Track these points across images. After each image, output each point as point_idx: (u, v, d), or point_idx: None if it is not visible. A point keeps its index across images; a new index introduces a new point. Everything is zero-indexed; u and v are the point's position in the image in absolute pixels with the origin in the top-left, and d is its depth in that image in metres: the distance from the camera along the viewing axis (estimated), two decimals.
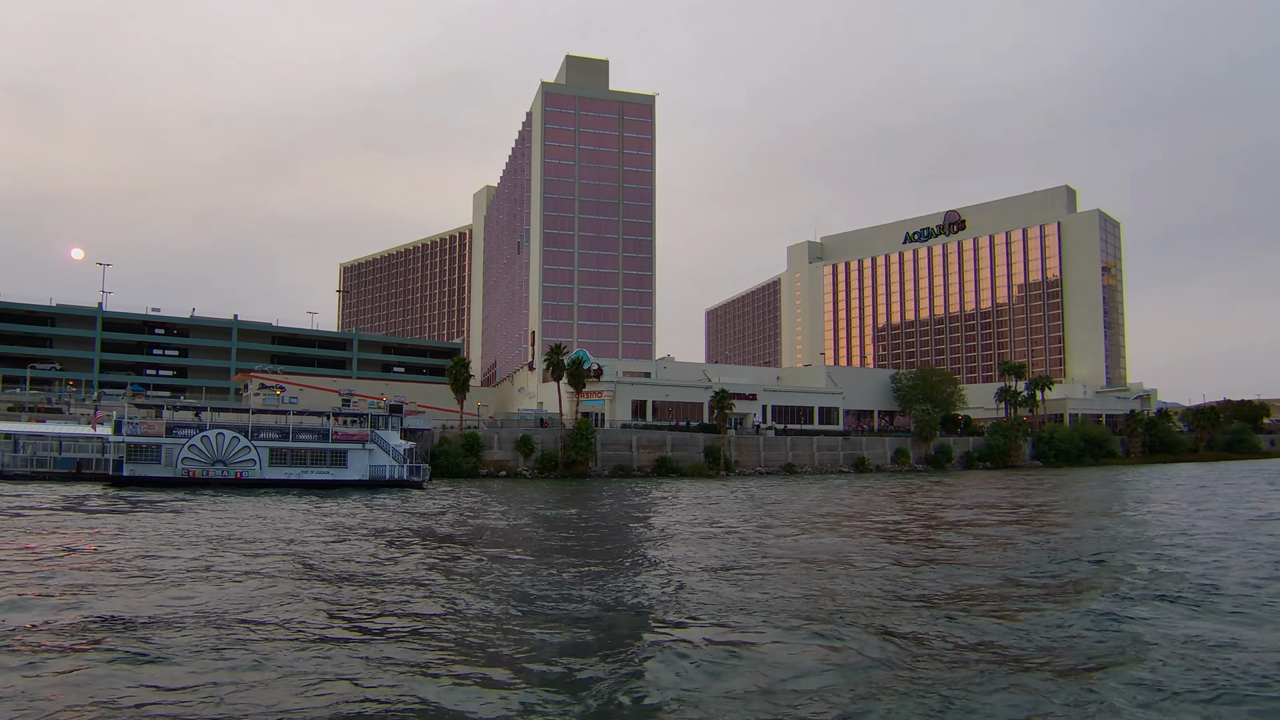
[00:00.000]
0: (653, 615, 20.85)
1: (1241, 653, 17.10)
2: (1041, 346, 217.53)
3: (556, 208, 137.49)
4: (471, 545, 34.73)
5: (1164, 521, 45.41)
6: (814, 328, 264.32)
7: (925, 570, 28.25)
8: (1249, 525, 42.57)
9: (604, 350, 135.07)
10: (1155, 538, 37.96)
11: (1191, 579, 26.04)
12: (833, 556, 31.81)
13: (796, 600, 22.75)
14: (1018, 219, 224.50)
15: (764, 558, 31.16)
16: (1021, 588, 24.94)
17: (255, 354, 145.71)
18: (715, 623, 19.76)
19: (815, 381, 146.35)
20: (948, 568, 29.00)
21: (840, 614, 20.90)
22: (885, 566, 29.09)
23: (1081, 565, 29.58)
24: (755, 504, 58.55)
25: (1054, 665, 16.37)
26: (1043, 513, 52.18)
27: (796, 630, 19.04)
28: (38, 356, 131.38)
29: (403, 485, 70.82)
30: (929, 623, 19.89)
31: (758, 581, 25.77)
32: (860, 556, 31.65)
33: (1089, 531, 40.86)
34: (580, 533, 39.52)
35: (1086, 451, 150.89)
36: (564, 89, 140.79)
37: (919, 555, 32.28)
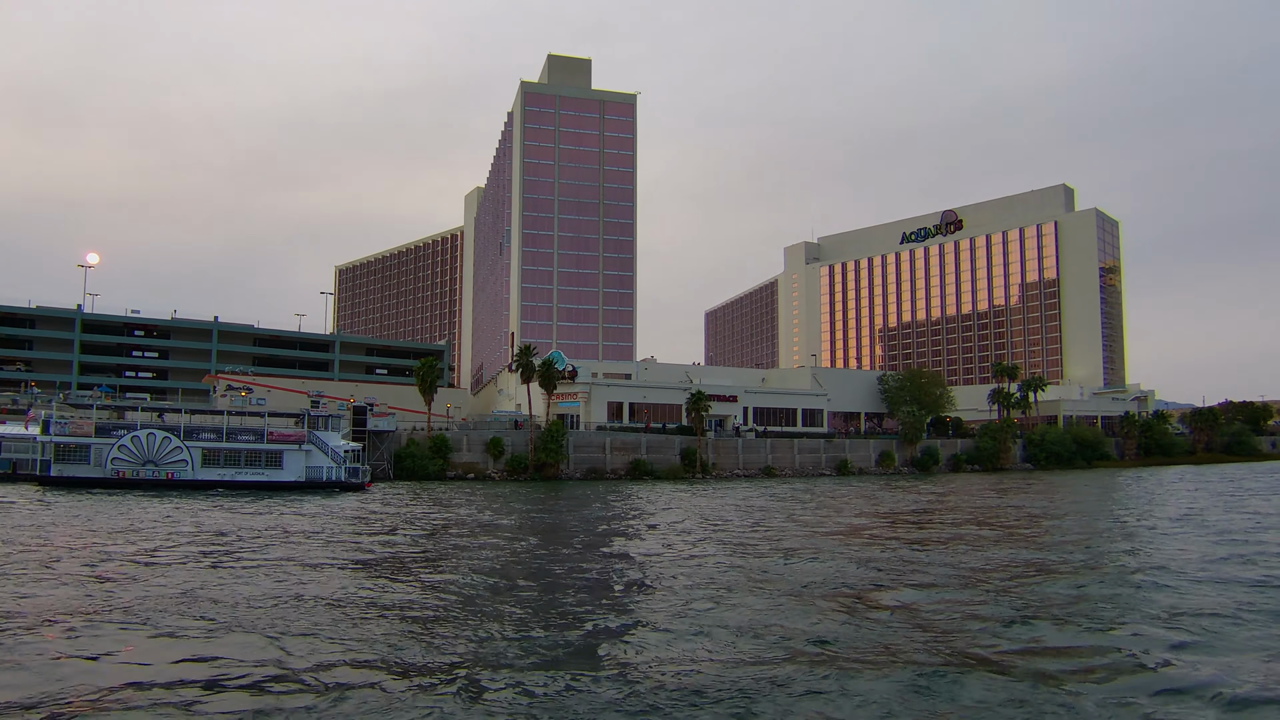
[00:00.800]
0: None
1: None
2: (1039, 347, 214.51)
3: (536, 208, 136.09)
4: (344, 556, 33.20)
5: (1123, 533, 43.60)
6: (810, 329, 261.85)
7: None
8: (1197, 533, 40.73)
9: (583, 351, 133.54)
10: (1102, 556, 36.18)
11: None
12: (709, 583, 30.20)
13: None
14: (1015, 218, 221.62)
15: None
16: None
17: (237, 355, 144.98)
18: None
19: (801, 383, 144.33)
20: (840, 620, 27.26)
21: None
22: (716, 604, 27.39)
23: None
24: (706, 521, 56.93)
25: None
26: (991, 520, 50.30)
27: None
28: (17, 358, 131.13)
29: (341, 487, 69.38)
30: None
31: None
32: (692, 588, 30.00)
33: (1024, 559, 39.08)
34: (495, 552, 37.84)
35: (1078, 454, 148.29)
36: (544, 88, 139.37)
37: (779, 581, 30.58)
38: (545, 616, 21.11)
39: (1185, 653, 17.91)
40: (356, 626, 19.53)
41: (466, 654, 17.47)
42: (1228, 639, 19.09)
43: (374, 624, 19.84)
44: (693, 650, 17.79)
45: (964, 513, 53.74)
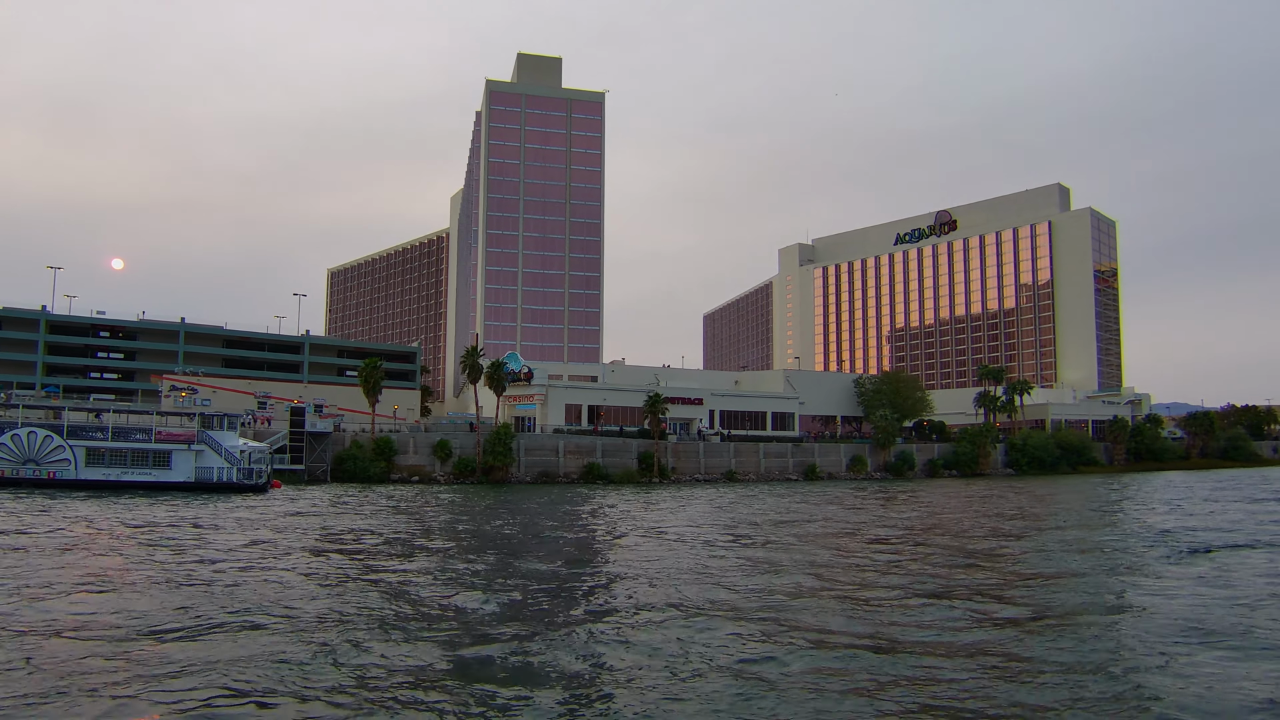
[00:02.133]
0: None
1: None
2: (1033, 350, 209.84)
3: (501, 208, 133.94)
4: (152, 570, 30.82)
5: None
6: (804, 331, 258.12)
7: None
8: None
9: (549, 353, 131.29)
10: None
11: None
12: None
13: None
14: (1009, 219, 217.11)
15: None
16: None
17: (205, 357, 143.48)
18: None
19: (774, 386, 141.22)
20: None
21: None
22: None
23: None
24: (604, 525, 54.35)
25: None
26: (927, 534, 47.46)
27: None
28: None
29: (236, 489, 67.42)
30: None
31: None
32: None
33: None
34: (355, 568, 35.45)
35: (1062, 459, 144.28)
36: (509, 87, 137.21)
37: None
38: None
39: None
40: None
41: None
42: None
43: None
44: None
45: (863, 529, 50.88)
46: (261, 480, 69.26)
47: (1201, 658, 18.36)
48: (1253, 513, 55.67)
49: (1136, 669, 17.64)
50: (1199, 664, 17.89)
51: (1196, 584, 28.05)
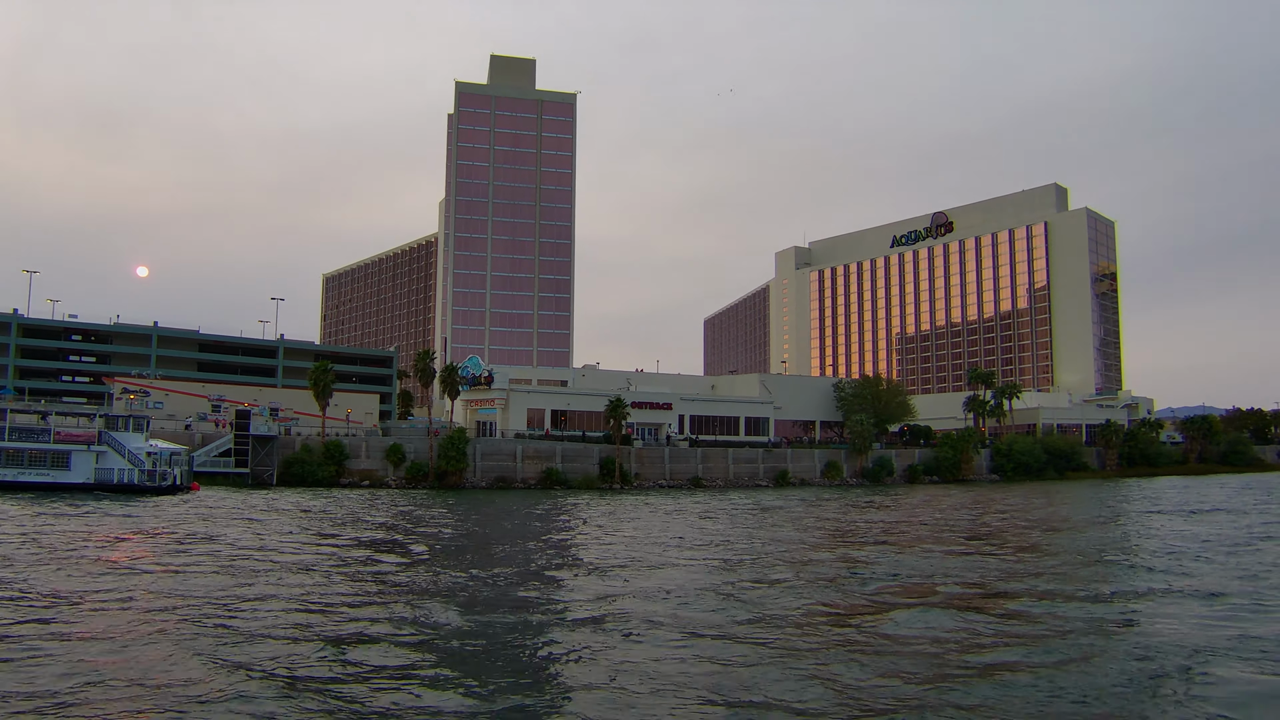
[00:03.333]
0: None
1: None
2: (1029, 353, 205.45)
3: (469, 210, 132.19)
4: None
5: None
6: (800, 335, 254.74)
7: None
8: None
9: (518, 357, 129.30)
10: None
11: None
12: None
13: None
14: (1005, 220, 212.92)
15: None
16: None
17: (178, 361, 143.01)
18: None
19: (750, 391, 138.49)
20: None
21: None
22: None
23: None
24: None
25: None
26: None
27: None
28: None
29: (138, 491, 66.03)
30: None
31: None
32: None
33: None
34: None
35: (1050, 464, 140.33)
36: (478, 88, 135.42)
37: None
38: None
39: None
40: None
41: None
42: None
43: None
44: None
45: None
46: (166, 482, 67.69)
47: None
48: (1161, 531, 52.62)
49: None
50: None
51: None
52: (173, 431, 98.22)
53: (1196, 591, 27.48)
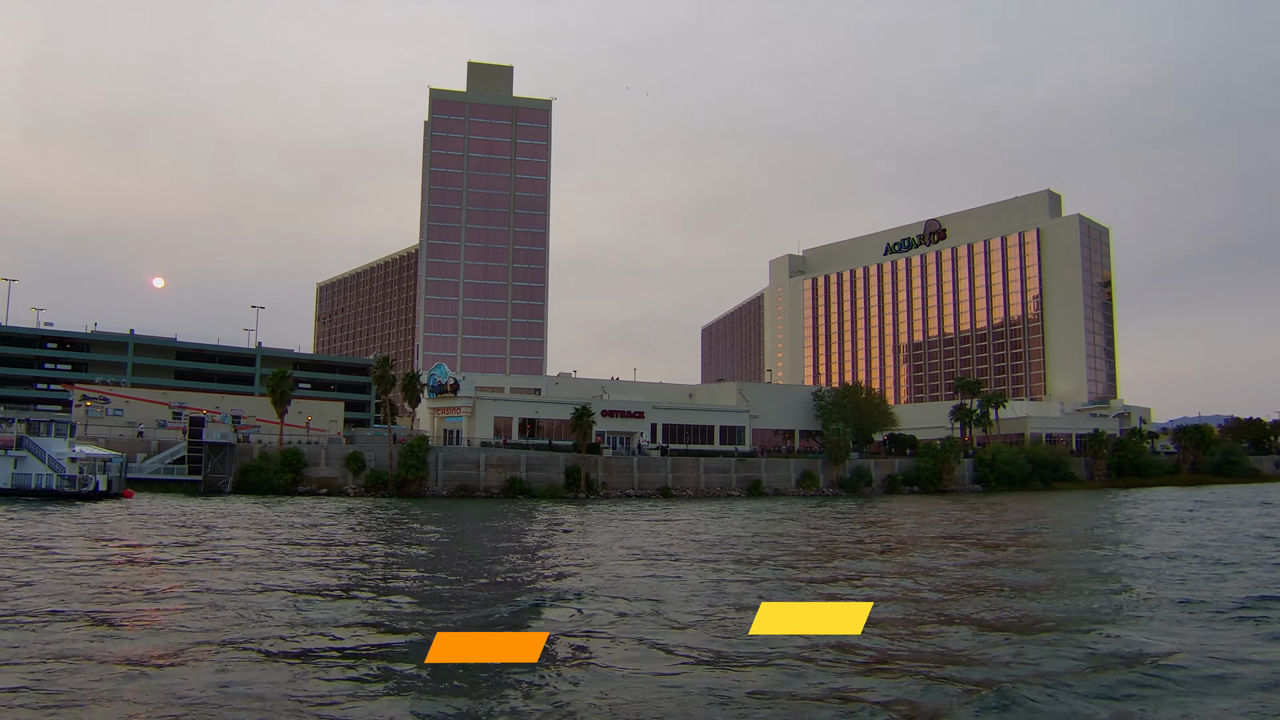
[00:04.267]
0: None
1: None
2: (1022, 362, 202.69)
3: (442, 218, 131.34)
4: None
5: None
6: (794, 344, 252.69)
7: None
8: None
9: (491, 365, 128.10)
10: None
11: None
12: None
13: None
14: (998, 227, 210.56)
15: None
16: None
17: (156, 369, 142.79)
18: None
19: (727, 400, 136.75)
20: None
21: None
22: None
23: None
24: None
25: None
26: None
27: None
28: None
29: (58, 496, 65.85)
30: None
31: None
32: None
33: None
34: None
35: (1035, 475, 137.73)
36: (453, 95, 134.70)
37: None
38: None
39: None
40: None
41: None
42: None
43: None
44: None
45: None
46: (88, 488, 66.93)
47: None
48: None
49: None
50: None
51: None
52: (128, 439, 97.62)
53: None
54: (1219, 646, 19.90)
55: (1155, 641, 20.56)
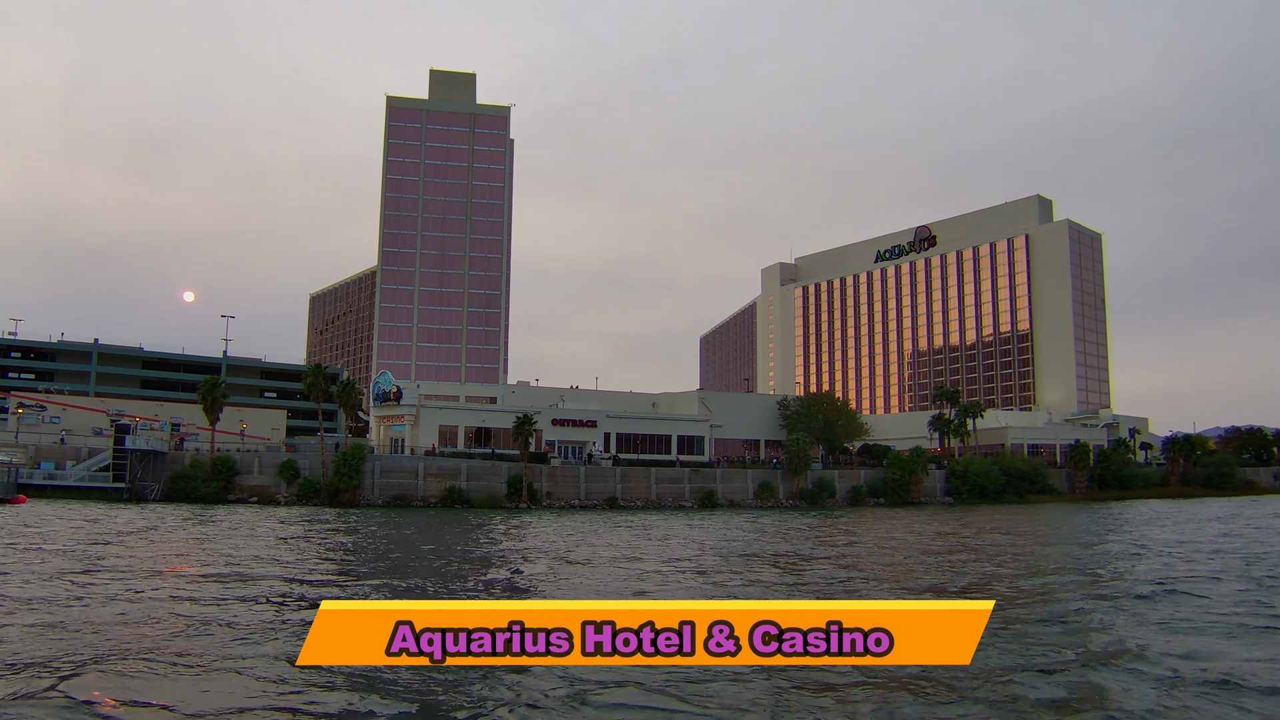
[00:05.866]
0: None
1: None
2: (1011, 371, 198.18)
3: (397, 225, 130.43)
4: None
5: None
6: (785, 353, 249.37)
7: None
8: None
9: (446, 373, 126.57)
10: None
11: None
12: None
13: None
14: (988, 233, 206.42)
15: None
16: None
17: (121, 378, 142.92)
18: None
19: (689, 409, 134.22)
20: None
21: None
22: None
23: None
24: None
25: None
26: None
27: None
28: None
29: None
30: None
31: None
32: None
33: None
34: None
35: (1009, 486, 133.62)
36: (408, 103, 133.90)
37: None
38: None
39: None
40: None
41: None
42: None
43: None
44: None
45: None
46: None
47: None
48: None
49: None
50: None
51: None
52: (66, 446, 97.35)
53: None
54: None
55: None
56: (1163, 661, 18.02)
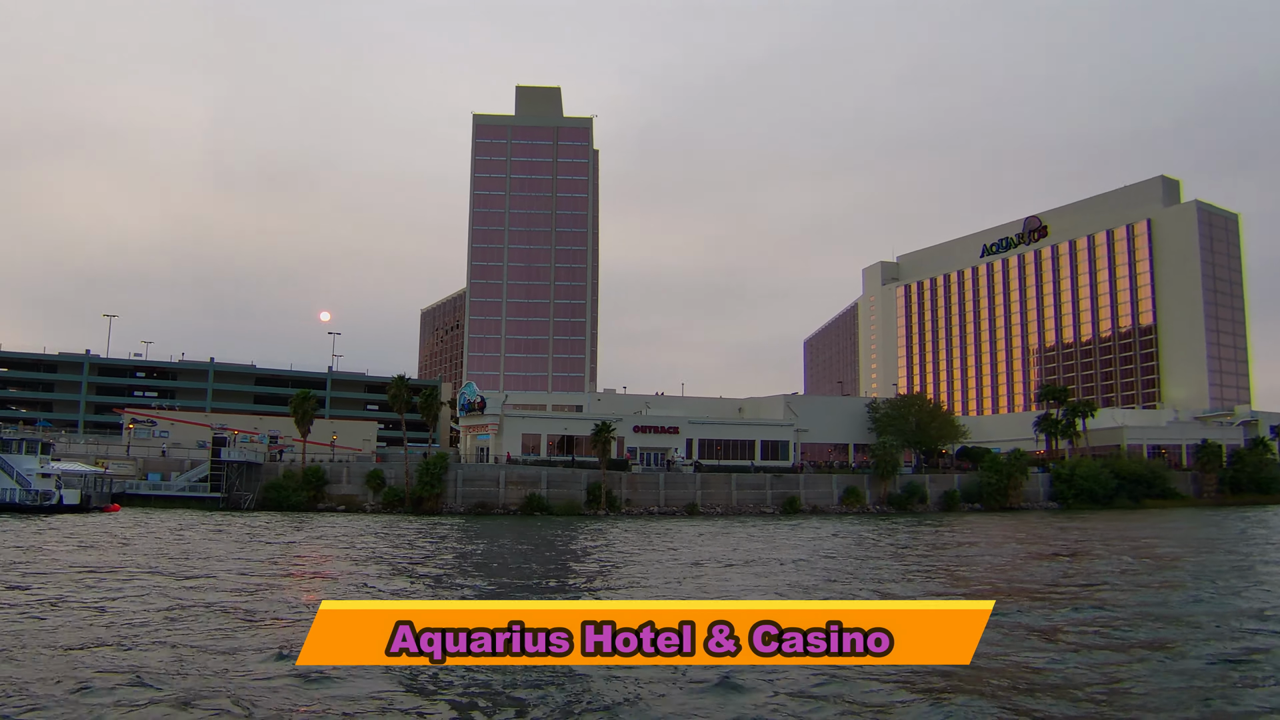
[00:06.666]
0: None
1: None
2: (1133, 365, 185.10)
3: (485, 239, 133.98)
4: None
5: None
6: (888, 355, 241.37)
7: None
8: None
9: (533, 383, 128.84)
10: None
11: None
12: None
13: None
14: (1106, 220, 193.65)
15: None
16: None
17: (235, 394, 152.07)
18: None
19: (774, 414, 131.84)
20: None
21: None
22: None
23: None
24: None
25: None
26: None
27: None
28: (40, 400, 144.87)
29: (19, 509, 71.43)
30: None
31: None
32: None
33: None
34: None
35: (1122, 490, 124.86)
36: (493, 119, 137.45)
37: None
38: None
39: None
40: None
41: None
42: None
43: None
44: None
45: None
46: (51, 502, 72.01)
47: None
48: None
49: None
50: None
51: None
52: (171, 458, 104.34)
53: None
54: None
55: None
56: None
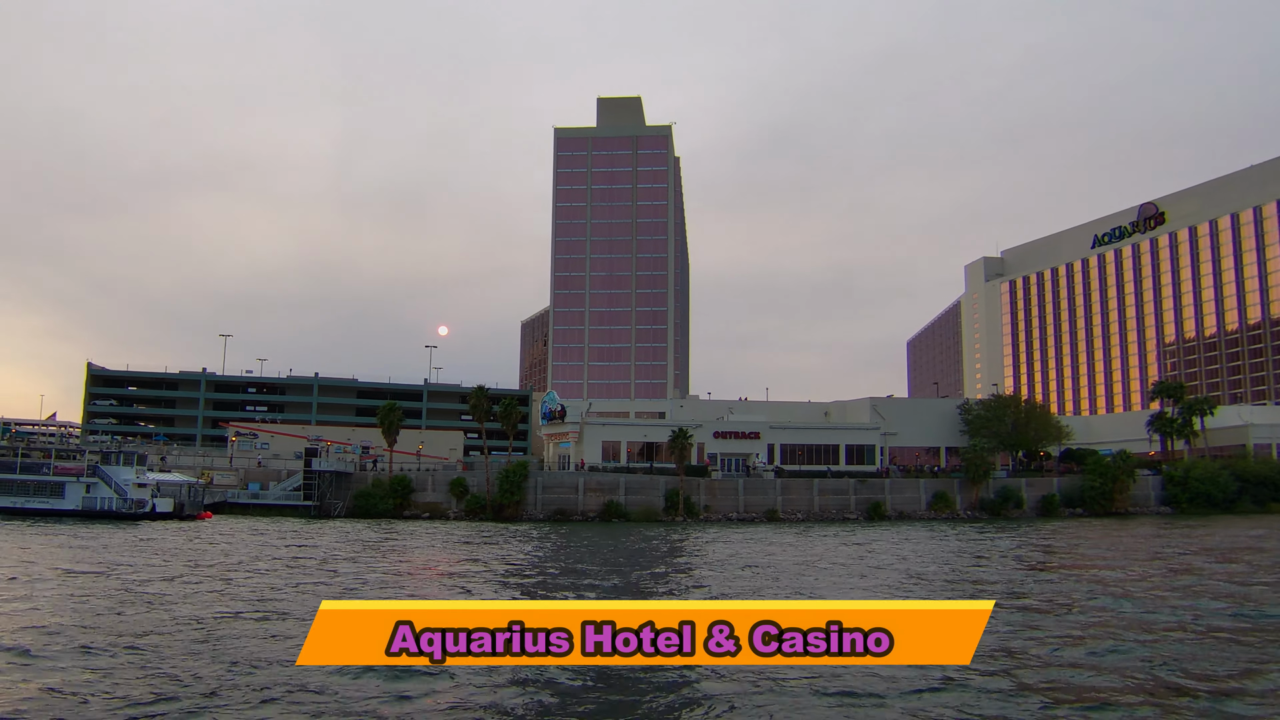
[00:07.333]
0: None
1: None
2: (1264, 359, 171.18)
3: (567, 250, 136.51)
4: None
5: None
6: (992, 353, 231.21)
7: None
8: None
9: (615, 390, 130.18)
10: None
11: None
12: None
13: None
14: (1229, 204, 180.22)
15: None
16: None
17: (338, 407, 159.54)
18: None
19: (860, 418, 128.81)
20: None
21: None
22: None
23: None
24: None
25: None
26: None
27: None
28: (163, 416, 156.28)
29: (116, 517, 76.84)
30: None
31: None
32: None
33: None
34: None
35: (1245, 494, 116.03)
36: (573, 132, 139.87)
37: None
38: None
39: None
40: None
41: None
42: None
43: None
44: None
45: None
46: (144, 510, 77.43)
47: None
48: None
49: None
50: None
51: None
52: (269, 469, 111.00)
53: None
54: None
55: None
56: None
